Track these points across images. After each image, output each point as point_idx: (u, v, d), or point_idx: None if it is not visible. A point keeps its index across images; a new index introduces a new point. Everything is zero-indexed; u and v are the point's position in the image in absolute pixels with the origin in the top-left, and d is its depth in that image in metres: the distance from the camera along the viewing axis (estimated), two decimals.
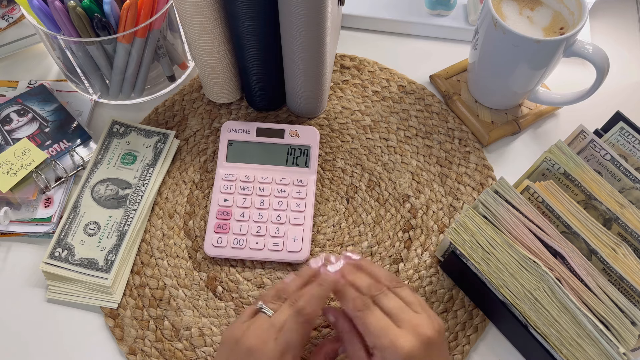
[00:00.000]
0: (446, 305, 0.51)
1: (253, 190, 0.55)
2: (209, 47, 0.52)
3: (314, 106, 0.59)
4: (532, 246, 0.42)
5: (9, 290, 0.52)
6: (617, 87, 0.63)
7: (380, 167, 0.57)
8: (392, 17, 0.66)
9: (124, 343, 0.49)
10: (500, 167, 0.58)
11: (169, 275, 0.52)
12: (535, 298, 0.41)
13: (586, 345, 0.40)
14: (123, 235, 0.52)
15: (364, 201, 0.56)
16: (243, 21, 0.48)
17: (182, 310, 0.50)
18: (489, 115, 0.60)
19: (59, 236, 0.52)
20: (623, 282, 0.41)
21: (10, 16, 0.65)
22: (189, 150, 0.58)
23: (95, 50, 0.53)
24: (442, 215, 0.55)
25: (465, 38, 0.66)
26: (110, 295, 0.50)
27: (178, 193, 0.56)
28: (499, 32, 0.50)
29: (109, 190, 0.55)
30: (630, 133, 0.47)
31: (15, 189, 0.54)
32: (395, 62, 0.65)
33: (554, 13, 0.53)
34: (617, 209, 0.44)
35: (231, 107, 0.61)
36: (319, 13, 0.46)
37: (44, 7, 0.50)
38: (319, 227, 0.54)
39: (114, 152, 0.57)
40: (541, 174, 0.47)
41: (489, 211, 0.44)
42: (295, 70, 0.53)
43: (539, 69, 0.52)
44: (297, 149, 0.56)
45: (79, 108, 0.61)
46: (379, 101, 0.61)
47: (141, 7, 0.51)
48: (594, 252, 0.42)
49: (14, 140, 0.57)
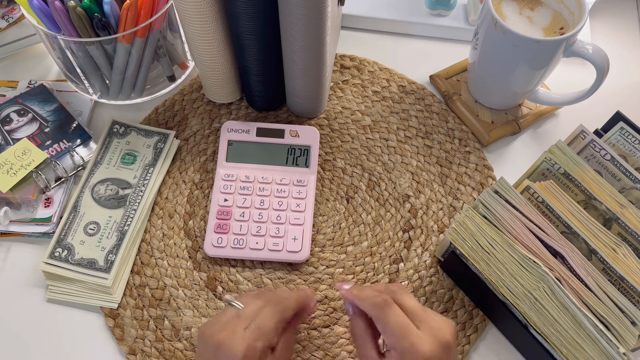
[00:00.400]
0: (446, 305, 0.51)
1: (253, 190, 0.55)
2: (209, 47, 0.52)
3: (314, 106, 0.59)
4: (532, 246, 0.42)
5: (9, 290, 0.52)
6: (617, 87, 0.63)
7: (380, 167, 0.57)
8: (392, 17, 0.66)
9: (124, 343, 0.49)
10: (500, 167, 0.58)
11: (169, 275, 0.52)
12: (535, 298, 0.41)
13: (586, 345, 0.40)
14: (123, 235, 0.52)
15: (364, 201, 0.56)
16: (243, 21, 0.48)
17: (182, 310, 0.50)
18: (489, 115, 0.60)
19: (59, 236, 0.52)
20: (623, 282, 0.41)
21: (10, 16, 0.65)
22: (189, 150, 0.58)
23: (95, 50, 0.53)
24: (442, 215, 0.55)
25: (465, 38, 0.66)
26: (110, 295, 0.50)
27: (178, 193, 0.56)
28: (499, 32, 0.50)
29: (109, 190, 0.55)
30: (630, 133, 0.47)
31: (15, 189, 0.54)
32: (395, 62, 0.65)
33: (554, 13, 0.53)
34: (617, 209, 0.44)
35: (231, 107, 0.61)
36: (319, 13, 0.46)
37: (44, 7, 0.50)
38: (319, 227, 0.54)
39: (114, 152, 0.57)
40: (541, 174, 0.47)
41: (489, 211, 0.44)
42: (295, 70, 0.53)
43: (539, 69, 0.52)
44: (297, 149, 0.56)
45: (79, 108, 0.61)
46: (379, 101, 0.61)
47: (141, 7, 0.51)
48: (594, 252, 0.42)
49: (14, 140, 0.57)
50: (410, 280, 0.52)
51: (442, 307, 0.50)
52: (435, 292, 0.51)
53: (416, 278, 0.52)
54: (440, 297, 0.51)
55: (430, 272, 0.52)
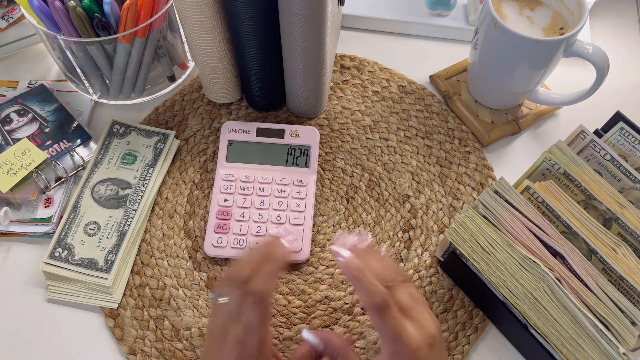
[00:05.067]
0: (446, 305, 0.51)
1: (253, 190, 0.55)
2: (209, 47, 0.52)
3: (314, 106, 0.59)
4: (532, 246, 0.42)
5: (9, 290, 0.52)
6: (617, 87, 0.63)
7: (380, 167, 0.57)
8: (392, 17, 0.66)
9: (124, 343, 0.49)
10: (500, 167, 0.58)
11: (169, 275, 0.52)
12: (535, 298, 0.41)
13: (586, 345, 0.40)
14: (123, 235, 0.52)
15: (364, 201, 0.56)
16: (243, 21, 0.48)
17: (182, 310, 0.50)
18: (489, 115, 0.60)
19: (59, 236, 0.52)
20: (623, 282, 0.41)
21: (10, 16, 0.65)
22: (189, 150, 0.58)
23: (95, 50, 0.53)
24: (442, 215, 0.55)
25: (465, 38, 0.66)
26: (110, 295, 0.50)
27: (178, 193, 0.56)
28: (499, 32, 0.50)
29: (109, 190, 0.55)
30: (630, 133, 0.47)
31: (15, 189, 0.54)
32: (395, 62, 0.65)
33: (554, 13, 0.53)
34: (617, 209, 0.44)
35: (231, 107, 0.61)
36: (319, 13, 0.46)
37: (44, 7, 0.50)
38: (319, 227, 0.54)
39: (114, 152, 0.57)
40: (541, 174, 0.47)
41: (489, 211, 0.44)
42: (295, 70, 0.53)
43: (539, 69, 0.52)
44: (297, 149, 0.56)
45: (79, 108, 0.61)
46: (379, 101, 0.61)
47: (141, 7, 0.51)
48: (594, 252, 0.42)
49: (14, 140, 0.57)
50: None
51: (442, 307, 0.50)
52: (435, 292, 0.51)
53: (416, 278, 0.52)
54: (440, 297, 0.51)
55: (430, 272, 0.52)
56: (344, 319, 0.50)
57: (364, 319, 0.50)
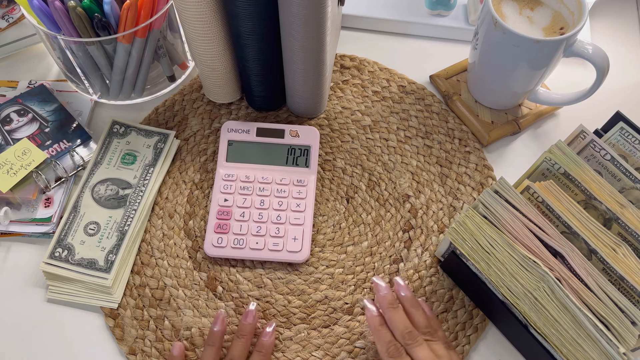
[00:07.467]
0: (446, 305, 0.51)
1: (253, 190, 0.55)
2: (209, 47, 0.52)
3: (314, 106, 0.59)
4: (532, 246, 0.42)
5: (9, 290, 0.52)
6: (617, 87, 0.63)
7: (380, 167, 0.57)
8: (391, 17, 0.66)
9: (124, 343, 0.49)
10: (500, 167, 0.58)
11: (169, 275, 0.52)
12: (535, 298, 0.41)
13: (586, 345, 0.40)
14: (123, 235, 0.52)
15: (364, 201, 0.56)
16: (243, 21, 0.48)
17: (182, 310, 0.50)
18: (489, 115, 0.60)
19: (59, 236, 0.52)
20: (623, 282, 0.41)
21: (10, 16, 0.65)
22: (189, 150, 0.58)
23: (95, 50, 0.53)
24: (442, 215, 0.55)
25: (465, 38, 0.66)
26: (110, 295, 0.50)
27: (178, 193, 0.56)
28: (499, 32, 0.50)
29: (109, 190, 0.55)
30: (630, 133, 0.47)
31: (15, 189, 0.54)
32: (395, 62, 0.65)
33: (554, 13, 0.53)
34: (617, 209, 0.44)
35: (231, 107, 0.61)
36: (319, 13, 0.46)
37: (44, 7, 0.50)
38: (319, 227, 0.54)
39: (114, 152, 0.57)
40: (541, 174, 0.47)
41: (489, 211, 0.44)
42: (295, 70, 0.53)
43: (539, 69, 0.52)
44: (297, 149, 0.56)
45: (79, 108, 0.61)
46: (379, 101, 0.62)
47: (141, 7, 0.51)
48: (594, 252, 0.42)
49: (14, 140, 0.57)
50: (411, 280, 0.52)
51: (442, 307, 0.50)
52: (435, 292, 0.51)
53: (416, 278, 0.52)
54: (440, 297, 0.51)
55: (430, 272, 0.52)
56: (344, 319, 0.50)
57: (363, 319, 0.50)
